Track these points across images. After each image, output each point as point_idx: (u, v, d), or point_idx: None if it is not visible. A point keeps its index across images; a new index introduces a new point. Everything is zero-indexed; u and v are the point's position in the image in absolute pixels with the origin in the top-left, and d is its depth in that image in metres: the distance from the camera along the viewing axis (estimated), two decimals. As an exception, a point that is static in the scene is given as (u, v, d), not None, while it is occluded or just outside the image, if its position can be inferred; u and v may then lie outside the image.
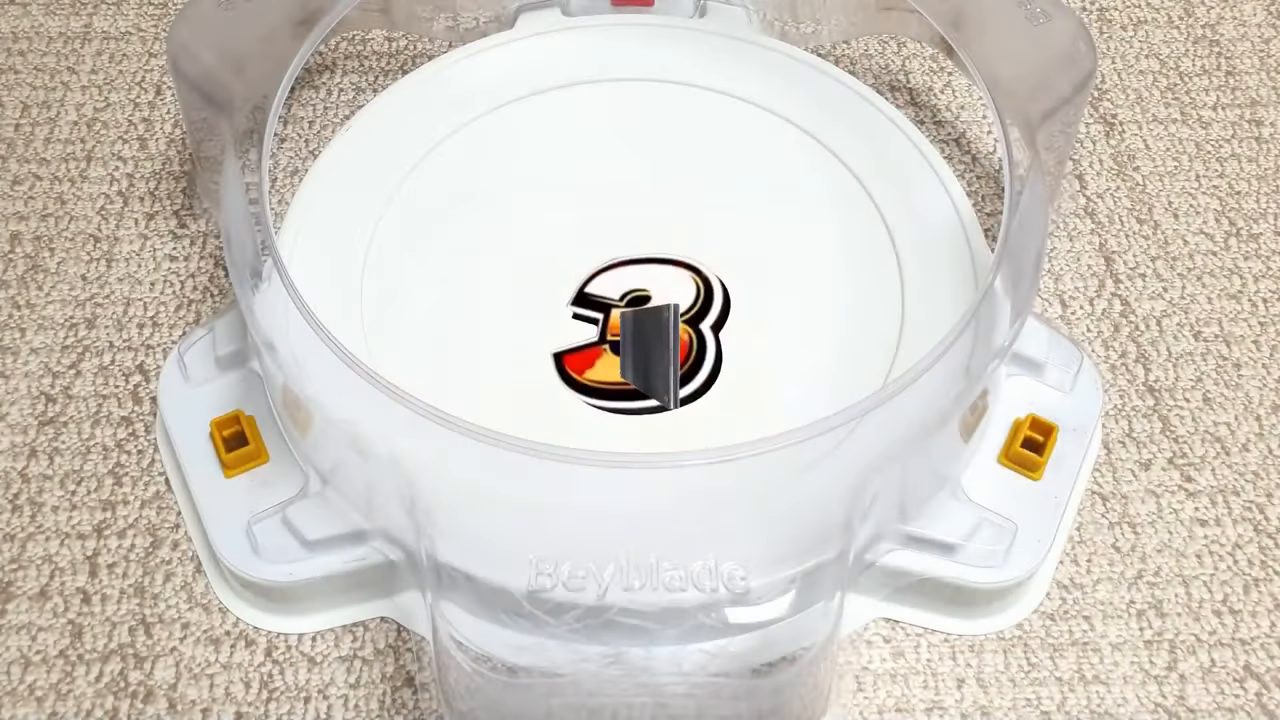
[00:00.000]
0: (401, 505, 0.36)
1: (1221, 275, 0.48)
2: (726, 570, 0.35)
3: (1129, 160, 0.52)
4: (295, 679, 0.38)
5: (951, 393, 0.37)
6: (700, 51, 0.51)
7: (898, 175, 0.47)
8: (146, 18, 0.56)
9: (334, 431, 0.37)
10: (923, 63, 0.55)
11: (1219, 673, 0.39)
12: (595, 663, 0.34)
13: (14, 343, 0.45)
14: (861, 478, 0.36)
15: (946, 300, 0.43)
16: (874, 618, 0.39)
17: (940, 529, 0.38)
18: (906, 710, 0.38)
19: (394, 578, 0.39)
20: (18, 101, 0.53)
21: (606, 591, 0.35)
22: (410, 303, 0.43)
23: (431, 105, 0.49)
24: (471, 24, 0.53)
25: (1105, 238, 0.49)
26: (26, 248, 0.48)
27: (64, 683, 0.38)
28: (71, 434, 0.43)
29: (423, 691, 0.38)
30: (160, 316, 0.46)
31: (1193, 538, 0.41)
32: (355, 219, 0.45)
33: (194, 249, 0.48)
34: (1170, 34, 0.57)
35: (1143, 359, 0.46)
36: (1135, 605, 0.40)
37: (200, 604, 0.39)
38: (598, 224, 0.46)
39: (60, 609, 0.39)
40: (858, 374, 0.41)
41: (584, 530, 0.36)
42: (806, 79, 0.50)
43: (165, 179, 0.50)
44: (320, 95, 0.53)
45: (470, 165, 0.47)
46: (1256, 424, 0.44)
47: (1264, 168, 0.52)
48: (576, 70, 0.50)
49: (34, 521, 0.41)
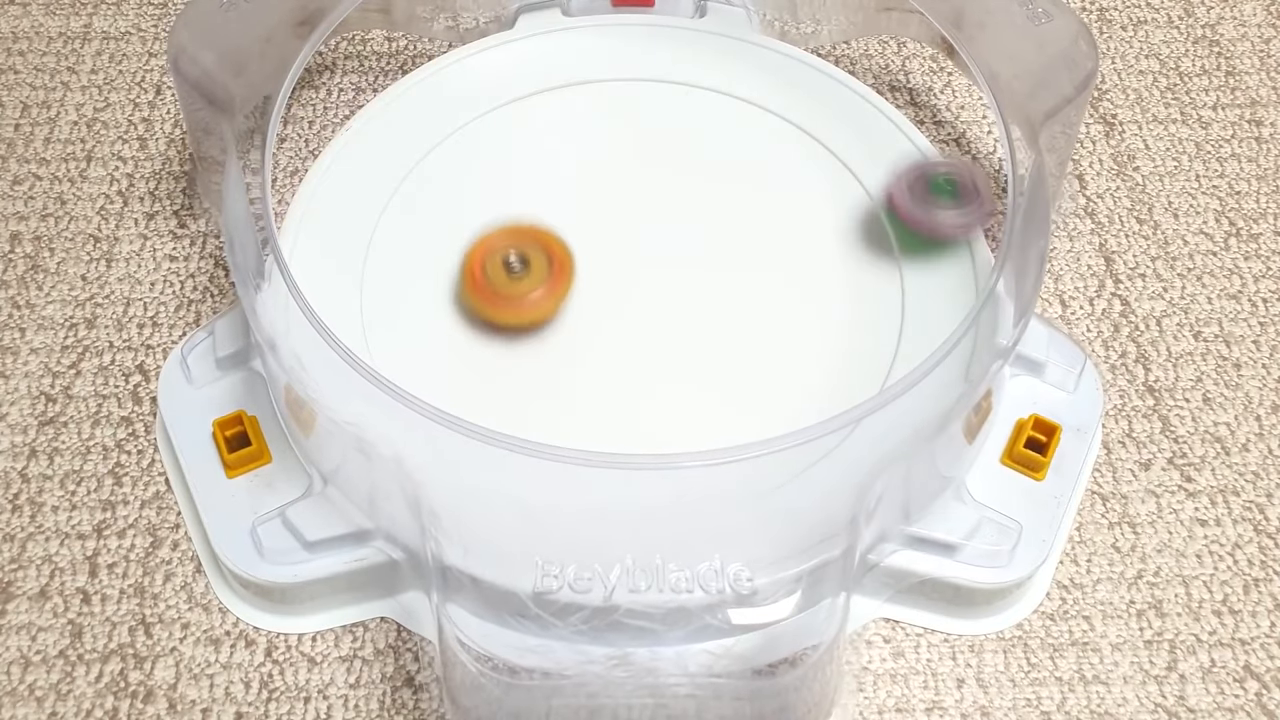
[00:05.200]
0: (406, 506, 0.36)
1: (1221, 275, 0.48)
2: (732, 571, 0.35)
3: (1129, 160, 0.52)
4: (295, 679, 0.38)
5: (954, 394, 0.37)
6: (700, 51, 0.51)
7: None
8: (146, 18, 0.56)
9: (337, 431, 0.37)
10: (923, 63, 0.55)
11: (1219, 673, 0.39)
12: (601, 664, 0.34)
13: (14, 343, 0.45)
14: (866, 479, 0.36)
15: (947, 301, 0.43)
16: (875, 618, 0.39)
17: (944, 529, 0.38)
18: (906, 710, 0.38)
19: (395, 578, 0.39)
20: (18, 101, 0.53)
21: (612, 593, 0.35)
22: (412, 302, 0.43)
23: (431, 105, 0.49)
24: (471, 24, 0.53)
25: (1105, 238, 0.49)
26: (26, 248, 0.48)
27: (64, 683, 0.38)
28: (71, 434, 0.43)
29: (423, 691, 0.38)
30: (160, 316, 0.46)
31: (1193, 538, 0.41)
32: (356, 218, 0.45)
33: (194, 249, 0.48)
34: (1170, 34, 0.57)
35: (1143, 359, 0.46)
36: (1135, 605, 0.40)
37: (200, 604, 0.39)
38: (597, 224, 0.46)
39: (60, 609, 0.39)
40: (859, 375, 0.41)
41: (590, 532, 0.36)
42: (806, 79, 0.50)
43: (165, 179, 0.50)
44: (320, 95, 0.53)
45: (470, 165, 0.47)
46: (1256, 424, 0.44)
47: (1264, 168, 0.52)
48: (576, 70, 0.50)
49: (34, 521, 0.41)
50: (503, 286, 0.42)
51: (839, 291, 0.44)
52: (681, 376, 0.42)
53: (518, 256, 0.41)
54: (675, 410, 0.41)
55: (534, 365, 0.42)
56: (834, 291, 0.44)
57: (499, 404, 0.40)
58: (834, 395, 0.41)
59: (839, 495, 0.36)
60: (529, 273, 0.42)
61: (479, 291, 0.42)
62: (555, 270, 0.42)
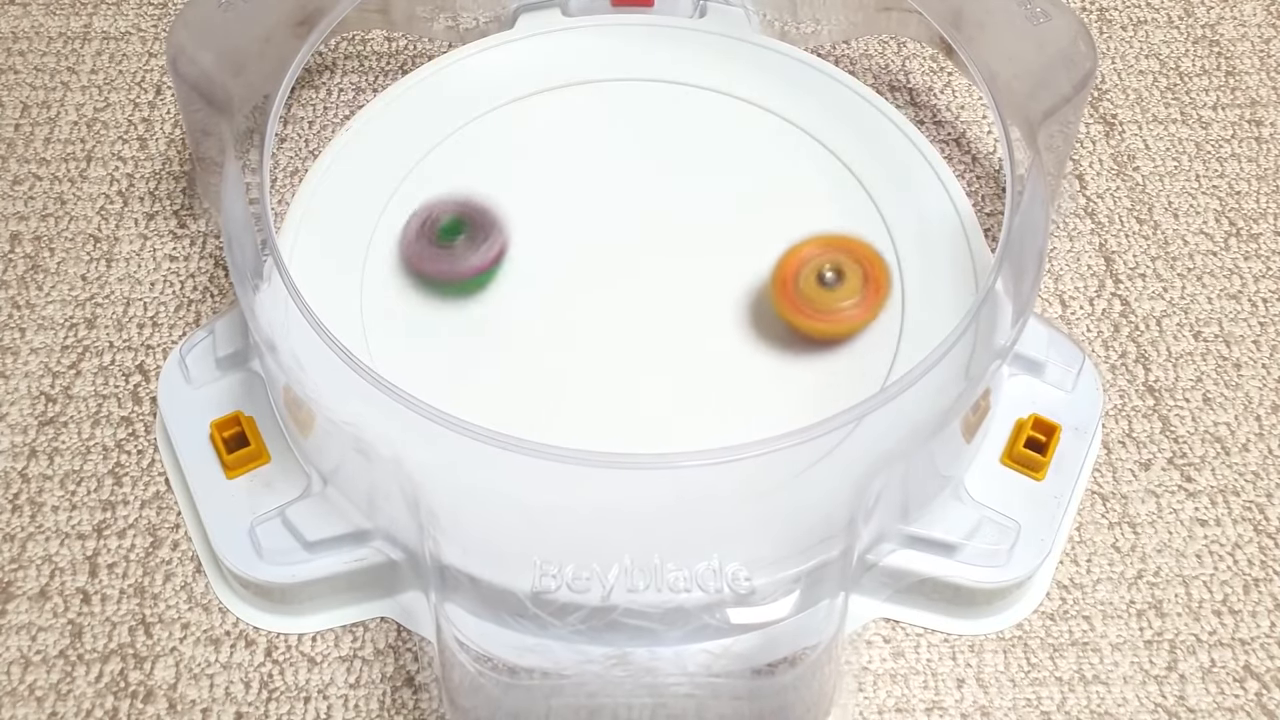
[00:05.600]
0: (405, 506, 0.36)
1: (1221, 275, 0.48)
2: (730, 571, 0.35)
3: (1129, 160, 0.52)
4: (295, 679, 0.38)
5: (953, 393, 0.37)
6: (700, 51, 0.51)
7: (898, 175, 0.47)
8: (146, 18, 0.56)
9: (336, 432, 0.37)
10: (923, 63, 0.55)
11: (1219, 673, 0.39)
12: (600, 663, 0.34)
13: (14, 343, 0.45)
14: (865, 478, 0.36)
15: (947, 301, 0.43)
16: (874, 618, 0.39)
17: (942, 529, 0.38)
18: (906, 710, 0.38)
19: (395, 578, 0.39)
20: (18, 101, 0.53)
21: (611, 593, 0.35)
22: (411, 302, 0.43)
23: (431, 105, 0.49)
24: (471, 24, 0.53)
25: (1105, 238, 0.49)
26: (26, 248, 0.48)
27: (64, 683, 0.38)
28: (71, 434, 0.43)
29: (423, 691, 0.38)
30: (160, 316, 0.46)
31: (1193, 538, 0.41)
32: (356, 219, 0.45)
33: (194, 249, 0.48)
34: (1170, 34, 0.57)
35: (1143, 359, 0.46)
36: (1135, 605, 0.40)
37: (200, 604, 0.39)
38: (597, 223, 0.46)
39: (60, 609, 0.39)
40: (858, 375, 0.41)
41: (588, 531, 0.36)
42: (806, 79, 0.50)
43: (165, 179, 0.50)
44: (320, 95, 0.53)
45: (470, 165, 0.47)
46: (1256, 424, 0.44)
47: (1264, 168, 0.52)
48: (576, 70, 0.50)
49: (34, 521, 0.41)
50: (815, 298, 0.42)
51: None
52: (680, 376, 0.42)
53: (833, 269, 0.42)
54: (674, 410, 0.41)
55: (533, 365, 0.42)
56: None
57: (498, 404, 0.40)
58: (833, 395, 0.41)
59: (838, 495, 0.36)
60: (843, 284, 0.42)
61: (789, 300, 0.42)
62: (870, 285, 0.42)
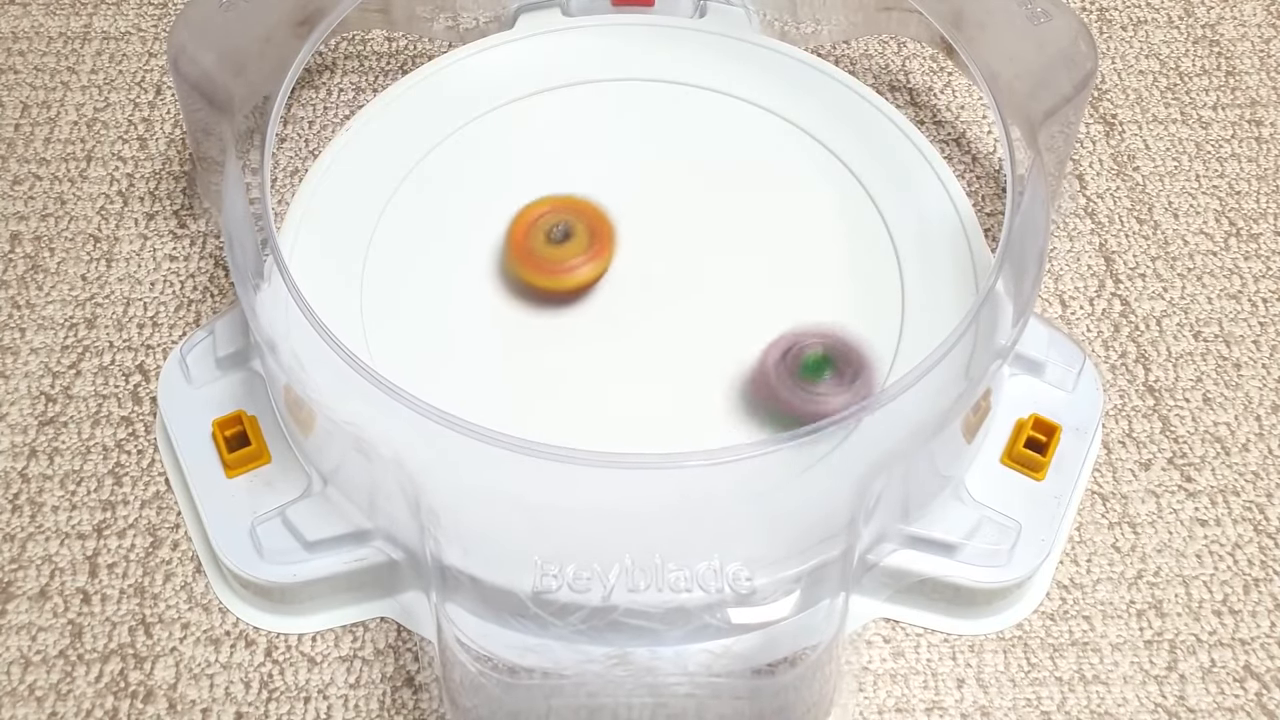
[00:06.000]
0: (406, 506, 0.36)
1: (1221, 275, 0.48)
2: (731, 571, 0.35)
3: (1129, 160, 0.52)
4: (295, 679, 0.38)
5: (954, 393, 0.37)
6: (700, 51, 0.51)
7: (898, 175, 0.47)
8: (146, 18, 0.56)
9: (336, 431, 0.37)
10: (923, 63, 0.55)
11: (1219, 673, 0.39)
12: (600, 663, 0.34)
13: (14, 343, 0.45)
14: (865, 478, 0.36)
15: (947, 300, 0.43)
16: (875, 618, 0.39)
17: (943, 529, 0.38)
18: (906, 710, 0.38)
19: (395, 578, 0.39)
20: (18, 101, 0.53)
21: (611, 593, 0.35)
22: (412, 301, 0.43)
23: (431, 105, 0.49)
24: (471, 24, 0.53)
25: (1105, 238, 0.49)
26: (26, 248, 0.48)
27: (64, 683, 0.38)
28: (71, 434, 0.43)
29: (423, 691, 0.38)
30: (160, 316, 0.46)
31: (1193, 538, 0.41)
32: (356, 218, 0.45)
33: (194, 249, 0.48)
34: (1170, 34, 0.57)
35: (1143, 359, 0.46)
36: (1135, 605, 0.40)
37: (200, 604, 0.39)
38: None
39: (60, 609, 0.39)
40: (859, 374, 0.42)
41: (589, 531, 0.36)
42: (806, 79, 0.50)
43: (165, 179, 0.50)
44: (320, 95, 0.53)
45: (470, 165, 0.47)
46: (1256, 424, 0.44)
47: (1264, 168, 0.52)
48: (576, 70, 0.50)
49: (34, 521, 0.41)
50: (545, 253, 0.43)
51: (838, 291, 0.44)
52: (681, 376, 0.42)
53: (561, 227, 0.43)
54: (675, 409, 0.41)
55: (533, 365, 0.42)
56: (833, 291, 0.44)
57: (498, 403, 0.40)
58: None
59: (838, 495, 0.36)
60: (571, 241, 0.43)
61: (522, 256, 0.43)
62: (596, 241, 0.44)
